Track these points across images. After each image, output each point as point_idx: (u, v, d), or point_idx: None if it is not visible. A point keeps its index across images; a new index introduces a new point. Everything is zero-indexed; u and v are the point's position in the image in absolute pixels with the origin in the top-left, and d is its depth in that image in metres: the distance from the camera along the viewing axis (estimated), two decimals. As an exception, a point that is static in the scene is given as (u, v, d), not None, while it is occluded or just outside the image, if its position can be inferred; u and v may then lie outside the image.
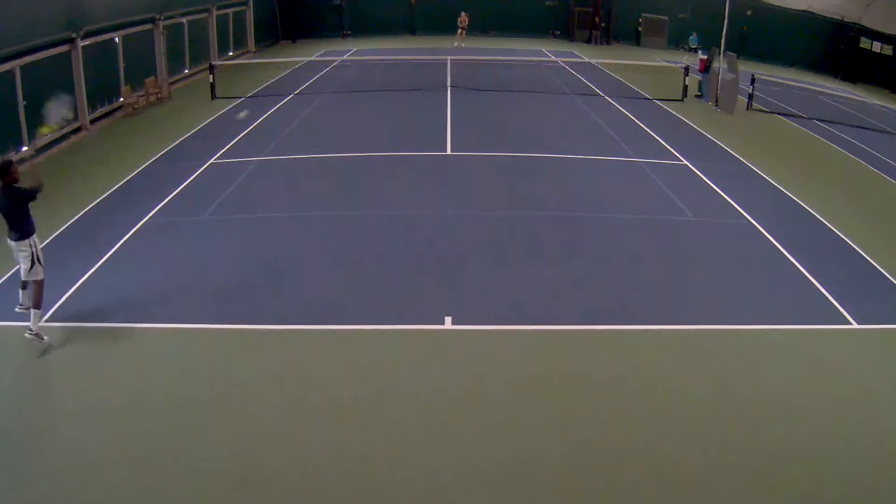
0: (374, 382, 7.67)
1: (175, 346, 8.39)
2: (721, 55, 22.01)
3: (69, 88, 17.27)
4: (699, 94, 23.84)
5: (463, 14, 37.83)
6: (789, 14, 34.83)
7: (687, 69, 23.65)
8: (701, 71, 23.99)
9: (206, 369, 7.92)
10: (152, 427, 6.88)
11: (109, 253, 10.57)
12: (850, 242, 11.59)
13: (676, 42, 39.35)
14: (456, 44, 35.79)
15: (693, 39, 32.97)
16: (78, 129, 17.56)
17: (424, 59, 29.42)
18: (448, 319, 8.89)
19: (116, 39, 19.77)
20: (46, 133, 7.39)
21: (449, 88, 23.24)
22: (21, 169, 8.37)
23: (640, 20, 40.05)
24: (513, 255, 10.82)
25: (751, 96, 22.41)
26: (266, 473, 6.28)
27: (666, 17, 39.52)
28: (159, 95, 21.72)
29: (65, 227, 11.55)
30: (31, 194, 8.20)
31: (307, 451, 6.59)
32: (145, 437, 6.72)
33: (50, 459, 6.41)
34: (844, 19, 32.91)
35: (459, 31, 37.71)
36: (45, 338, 8.17)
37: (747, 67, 25.92)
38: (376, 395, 7.45)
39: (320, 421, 7.04)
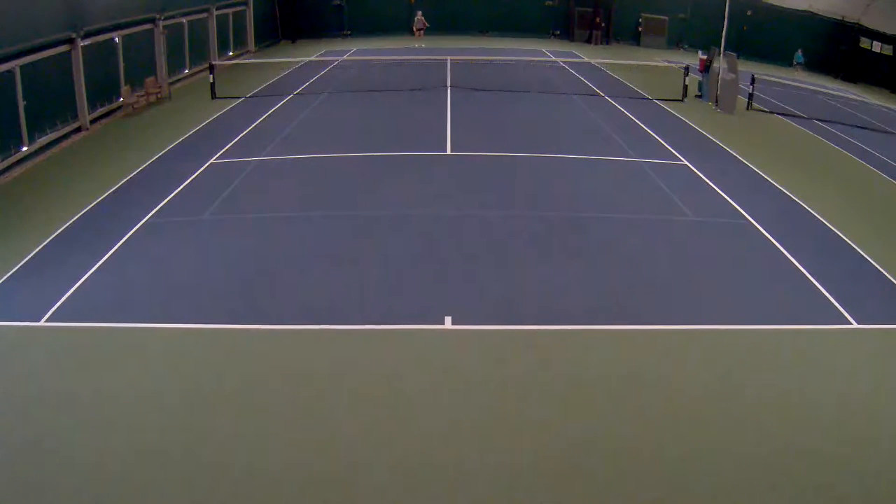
0: (375, 382, 7.67)
1: (174, 346, 8.39)
2: (721, 55, 22.00)
3: (69, 88, 17.30)
4: (699, 94, 23.83)
5: (419, 13, 37.85)
6: (789, 14, 34.84)
7: (687, 69, 23.65)
8: (701, 71, 23.97)
9: (205, 369, 7.91)
10: (152, 427, 6.88)
11: (109, 253, 10.57)
12: (850, 242, 11.58)
13: (676, 42, 39.37)
14: (417, 45, 35.55)
15: (799, 56, 33.52)
16: (78, 129, 17.57)
17: (424, 59, 29.42)
18: (448, 319, 8.89)
19: (116, 39, 19.76)
20: None
21: (449, 88, 23.23)
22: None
23: (640, 20, 40.06)
24: (513, 255, 10.81)
25: (751, 96, 22.40)
26: (267, 472, 6.28)
27: (666, 17, 39.52)
28: (159, 95, 21.72)
29: (65, 226, 11.55)
30: None
31: (307, 451, 6.59)
32: (145, 437, 6.72)
33: (52, 459, 6.42)
34: (844, 19, 32.92)
35: (417, 31, 37.72)
36: None
37: (747, 67, 25.91)
38: (376, 395, 7.44)
39: (320, 421, 7.03)
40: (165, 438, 6.72)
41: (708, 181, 14.49)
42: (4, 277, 9.78)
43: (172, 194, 13.08)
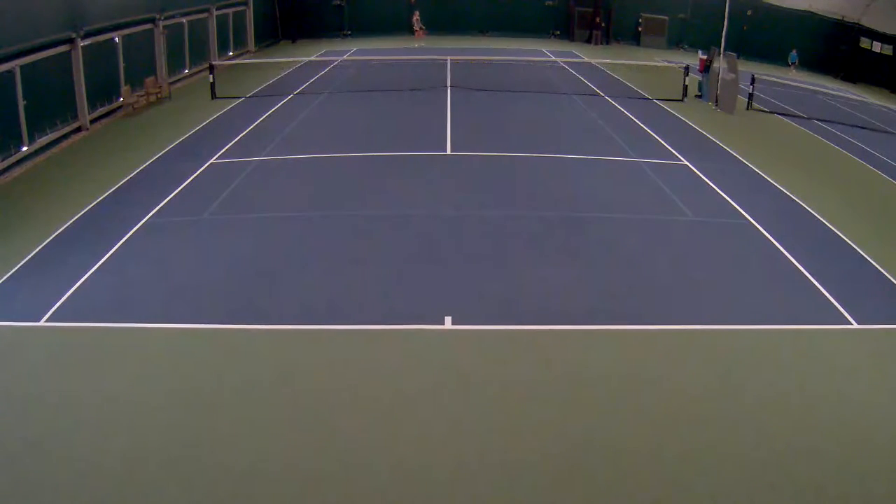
0: (375, 382, 7.67)
1: (174, 346, 8.39)
2: (721, 55, 22.01)
3: (69, 88, 17.30)
4: (699, 94, 23.83)
5: (416, 13, 38.03)
6: (789, 14, 34.84)
7: (687, 69, 23.65)
8: (701, 71, 23.97)
9: (205, 369, 7.91)
10: (152, 427, 6.88)
11: (109, 253, 10.57)
12: (849, 242, 11.58)
13: (676, 42, 39.38)
14: (416, 45, 35.66)
15: (793, 56, 33.94)
16: (78, 129, 17.57)
17: (424, 59, 29.43)
18: (448, 319, 8.89)
19: (116, 39, 19.77)
20: None
21: (449, 88, 23.24)
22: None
23: (640, 20, 40.07)
24: (513, 255, 10.81)
25: (751, 96, 22.40)
26: (267, 472, 6.28)
27: (666, 17, 39.53)
28: (159, 95, 21.72)
29: (65, 226, 11.55)
30: None
31: (307, 451, 6.59)
32: (145, 437, 6.72)
33: (52, 459, 6.42)
34: (844, 19, 32.92)
35: (417, 31, 37.85)
36: None
37: (747, 67, 25.91)
38: (376, 395, 7.44)
39: (320, 421, 7.03)
40: (165, 438, 6.72)
41: (708, 181, 14.49)
42: (4, 277, 9.78)
43: (172, 194, 13.08)
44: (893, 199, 14.42)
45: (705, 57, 23.64)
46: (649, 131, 18.51)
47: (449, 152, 16.16)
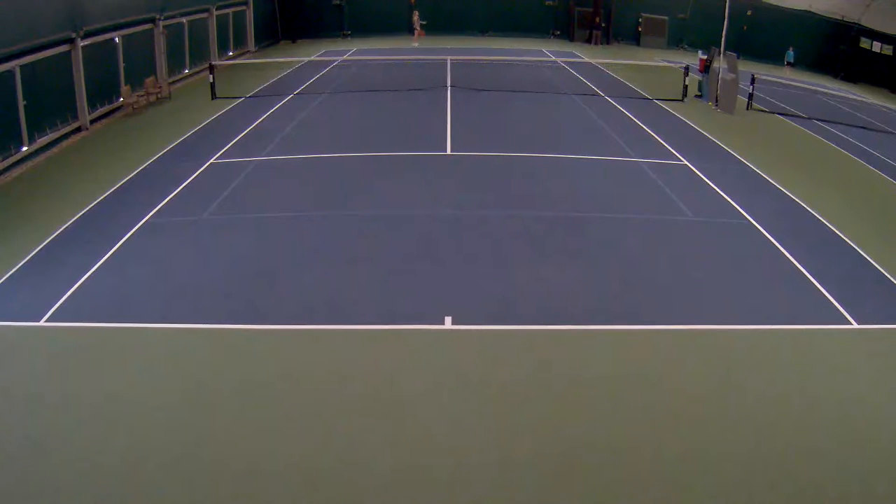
0: (375, 382, 7.67)
1: (174, 346, 8.39)
2: (721, 55, 22.01)
3: (69, 88, 17.29)
4: (699, 94, 23.84)
5: (416, 13, 38.15)
6: (789, 14, 34.85)
7: (687, 69, 23.65)
8: (701, 71, 23.97)
9: (205, 369, 7.91)
10: (152, 427, 6.88)
11: (109, 253, 10.57)
12: (850, 242, 11.58)
13: (676, 42, 39.39)
14: (415, 44, 35.74)
15: (789, 54, 34.09)
16: (78, 129, 17.57)
17: (424, 59, 29.43)
18: (448, 319, 8.89)
19: (116, 39, 19.77)
20: None
21: (449, 88, 23.24)
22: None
23: (640, 20, 40.07)
24: (513, 255, 10.81)
25: (751, 96, 22.41)
26: (267, 472, 6.29)
27: (666, 17, 39.54)
28: (159, 95, 21.72)
29: (65, 226, 11.55)
30: None
31: (307, 451, 6.59)
32: (145, 437, 6.72)
33: (52, 459, 6.42)
34: (844, 19, 32.93)
35: (417, 31, 37.95)
36: None
37: (747, 67, 25.91)
38: (376, 395, 7.45)
39: (320, 421, 7.04)
40: (165, 438, 6.72)
41: (708, 181, 14.49)
42: (4, 277, 9.78)
43: (172, 194, 13.08)
44: (893, 199, 14.42)
45: (705, 57, 23.64)
46: (649, 131, 18.51)
47: (449, 152, 16.16)
